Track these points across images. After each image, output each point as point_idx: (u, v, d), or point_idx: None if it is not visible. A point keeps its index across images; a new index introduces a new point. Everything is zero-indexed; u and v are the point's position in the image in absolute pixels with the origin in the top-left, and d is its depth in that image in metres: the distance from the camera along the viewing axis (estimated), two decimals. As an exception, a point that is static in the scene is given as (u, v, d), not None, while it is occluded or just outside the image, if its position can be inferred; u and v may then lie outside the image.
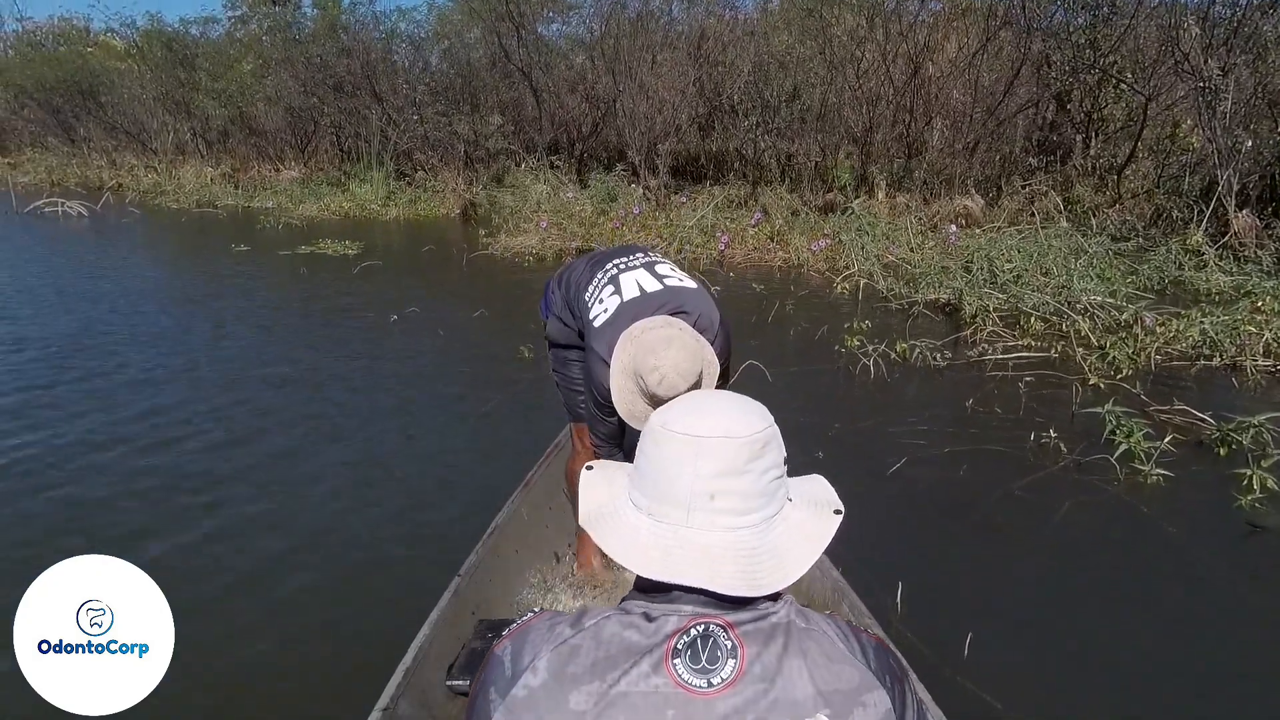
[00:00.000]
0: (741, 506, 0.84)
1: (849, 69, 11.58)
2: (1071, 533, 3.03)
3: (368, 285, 7.37)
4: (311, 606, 2.60)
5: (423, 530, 3.06)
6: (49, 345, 5.38)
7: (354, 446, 3.82)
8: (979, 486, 3.36)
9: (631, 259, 2.15)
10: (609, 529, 0.89)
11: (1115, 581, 2.76)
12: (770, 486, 0.86)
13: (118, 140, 18.33)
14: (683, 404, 0.92)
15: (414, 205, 13.01)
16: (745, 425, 0.86)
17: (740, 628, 0.80)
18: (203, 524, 3.08)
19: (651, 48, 12.68)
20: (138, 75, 17.97)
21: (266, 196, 13.54)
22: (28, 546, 2.89)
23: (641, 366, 1.70)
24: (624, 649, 0.79)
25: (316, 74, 14.71)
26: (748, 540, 0.84)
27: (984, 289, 5.99)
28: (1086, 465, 3.51)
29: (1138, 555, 2.91)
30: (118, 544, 2.86)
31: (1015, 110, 10.88)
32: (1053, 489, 3.32)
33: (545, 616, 0.87)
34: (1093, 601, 2.63)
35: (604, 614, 0.83)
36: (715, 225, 9.43)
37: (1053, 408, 4.22)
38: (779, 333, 5.76)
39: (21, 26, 23.75)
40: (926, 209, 10.30)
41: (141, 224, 11.71)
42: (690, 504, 0.84)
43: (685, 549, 0.83)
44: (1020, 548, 2.96)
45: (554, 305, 2.40)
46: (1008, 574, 2.80)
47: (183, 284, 7.59)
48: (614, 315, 1.96)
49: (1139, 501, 3.21)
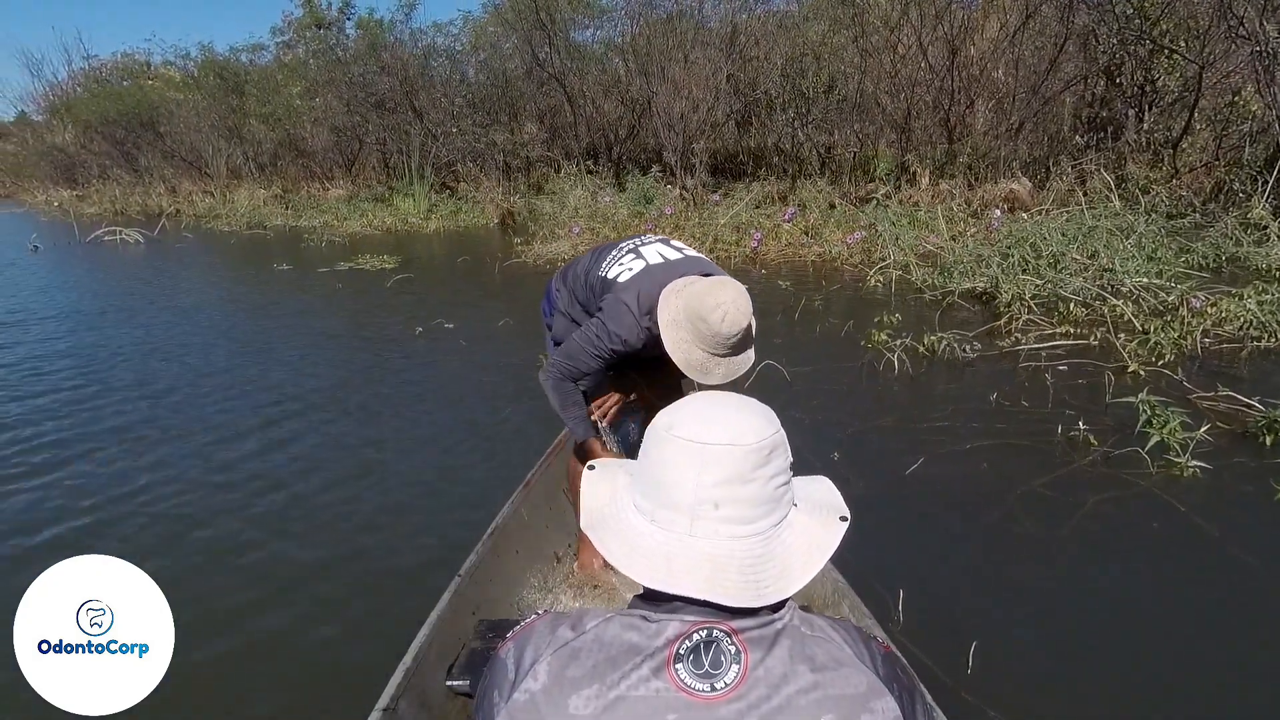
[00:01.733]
0: (746, 515, 0.82)
1: (885, 55, 11.31)
2: (1096, 532, 2.83)
3: (399, 298, 7.45)
4: (311, 606, 2.59)
5: (423, 531, 3.05)
6: (72, 359, 5.59)
7: (360, 452, 3.82)
8: (999, 484, 3.19)
9: (646, 237, 2.23)
10: (611, 533, 0.87)
11: (1142, 584, 2.56)
12: (776, 493, 0.84)
13: (176, 167, 19.06)
14: (690, 406, 0.88)
15: (455, 217, 13.18)
16: (752, 432, 0.83)
17: (744, 633, 0.78)
18: (202, 524, 3.12)
19: (683, 46, 12.59)
20: (193, 104, 18.65)
21: (313, 215, 13.88)
22: (28, 545, 2.97)
23: (702, 307, 1.80)
24: (625, 652, 0.78)
25: (359, 93, 15.04)
26: (752, 549, 0.81)
27: (1021, 275, 5.74)
28: (1117, 459, 3.29)
29: (1168, 555, 2.70)
30: (116, 543, 2.95)
31: (1061, 88, 10.47)
32: (1078, 485, 3.12)
33: (547, 618, 0.85)
34: (1117, 606, 2.44)
35: (606, 616, 0.82)
36: (749, 223, 9.28)
37: (1086, 398, 3.99)
38: (804, 329, 5.61)
39: (88, 64, 24.90)
40: (971, 195, 9.98)
41: (193, 248, 12.10)
42: (694, 512, 0.82)
43: (688, 557, 0.81)
44: (1039, 549, 2.77)
45: (559, 302, 2.39)
46: (1023, 577, 2.62)
47: (219, 303, 7.76)
48: (640, 273, 2.03)
49: (1173, 497, 2.99)
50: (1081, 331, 4.94)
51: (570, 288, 2.36)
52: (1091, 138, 10.09)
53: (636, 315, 2.00)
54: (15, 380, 5.22)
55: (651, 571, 0.81)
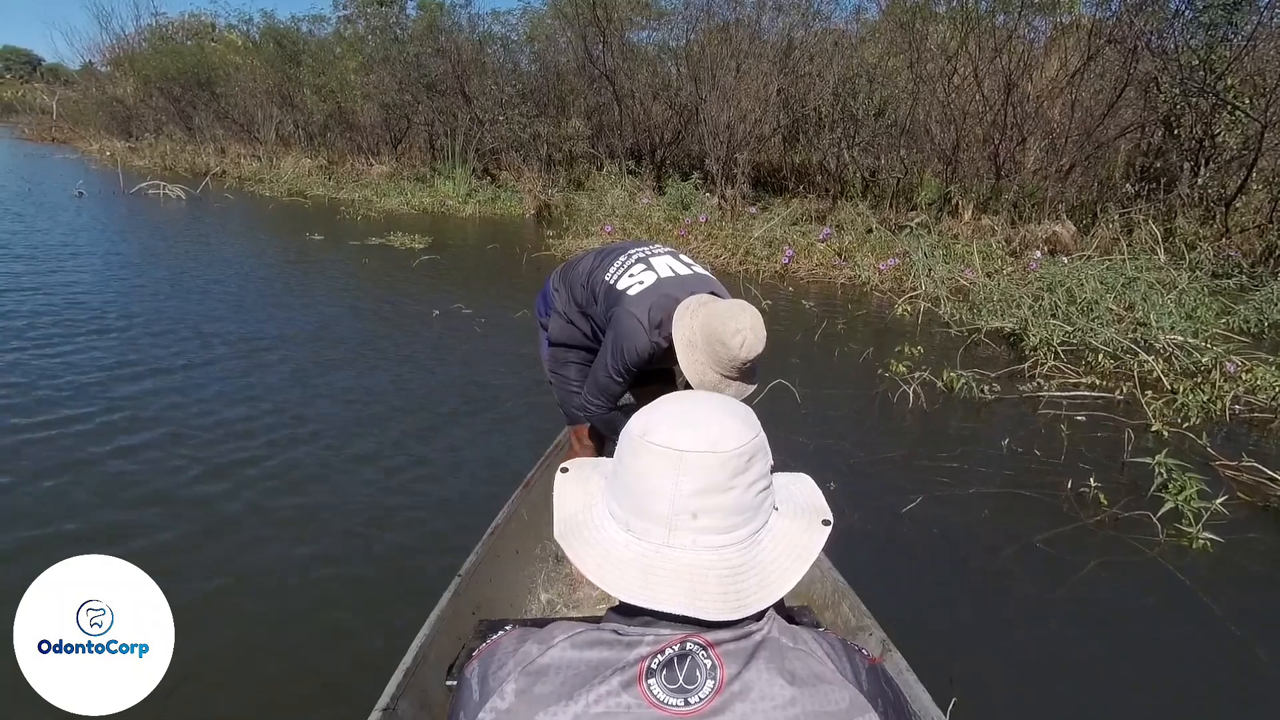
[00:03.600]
0: (726, 524, 0.78)
1: (940, 84, 11.13)
2: (1092, 597, 2.72)
3: (421, 279, 7.46)
4: (312, 606, 2.56)
5: (423, 530, 3.02)
6: (76, 309, 5.63)
7: (361, 442, 3.78)
8: (998, 534, 3.08)
9: (654, 247, 2.24)
10: (583, 542, 0.83)
11: (1134, 658, 2.45)
12: (756, 500, 0.80)
13: (228, 129, 19.31)
14: (666, 410, 0.84)
15: (492, 204, 13.19)
16: (731, 437, 0.78)
17: (720, 646, 0.75)
18: (201, 522, 3.05)
19: (737, 56, 12.50)
20: (251, 69, 18.89)
21: (354, 189, 13.98)
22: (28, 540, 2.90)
23: (724, 331, 1.82)
24: (593, 668, 0.75)
25: (412, 72, 15.13)
26: (732, 558, 0.78)
27: (1051, 319, 5.58)
28: (1125, 522, 3.17)
29: (1166, 631, 2.58)
30: (115, 541, 2.88)
31: (1117, 133, 10.23)
32: (1080, 545, 3.01)
33: (515, 634, 0.82)
34: (1105, 679, 2.34)
35: (575, 631, 0.78)
36: (783, 239, 9.17)
37: (1103, 454, 3.86)
38: (823, 352, 5.50)
39: (155, 20, 25.34)
40: (1013, 233, 9.78)
41: (231, 209, 12.22)
42: (672, 522, 0.78)
43: (666, 570, 0.77)
44: (1029, 608, 2.67)
45: (555, 302, 2.38)
46: (1009, 638, 2.53)
47: (244, 265, 7.82)
48: (651, 287, 2.05)
49: (1179, 568, 2.86)
50: (1107, 384, 4.80)
51: (569, 286, 2.34)
52: (1143, 187, 9.83)
53: (647, 329, 2.03)
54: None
55: (626, 584, 0.78)
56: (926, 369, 4.74)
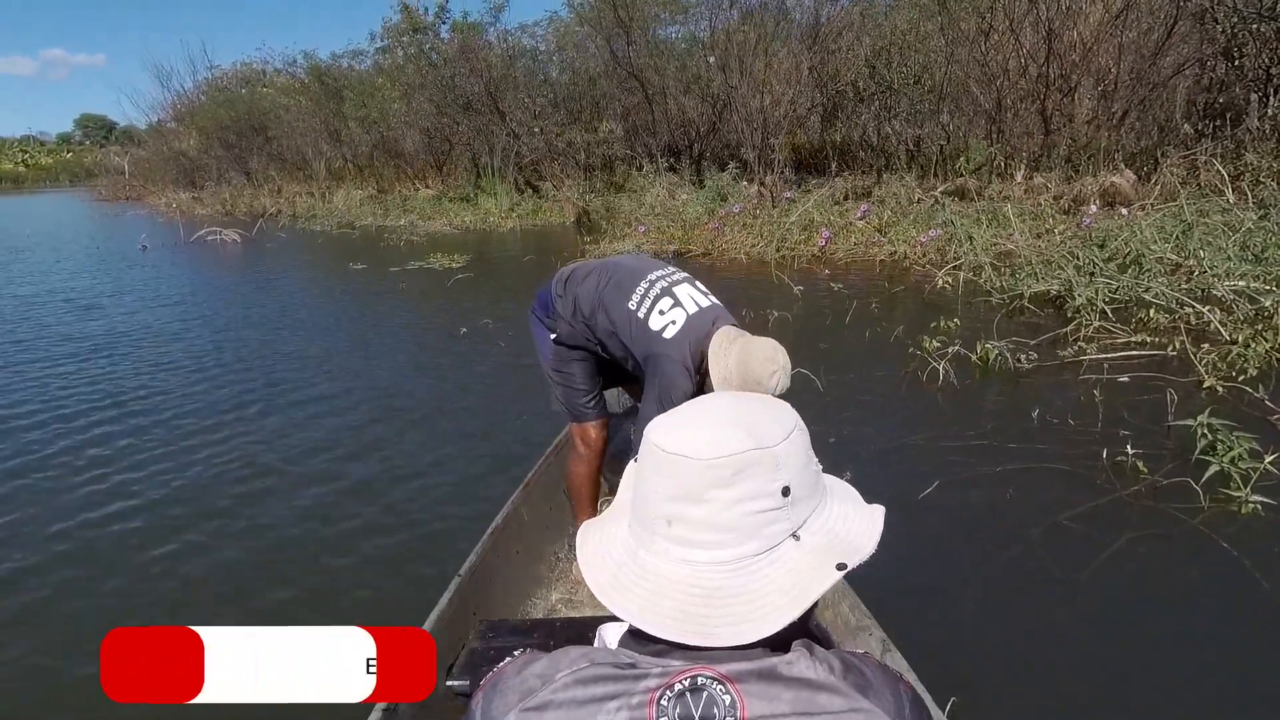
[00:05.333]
0: (700, 539, 0.70)
1: (977, 43, 10.67)
2: (1124, 574, 2.49)
3: (453, 298, 7.53)
4: (312, 606, 2.60)
5: (423, 530, 3.04)
6: (129, 344, 5.95)
7: (374, 453, 3.82)
8: (1024, 514, 2.87)
9: (671, 274, 2.28)
10: (592, 533, 0.80)
11: (1170, 639, 2.23)
12: (746, 521, 0.70)
13: (282, 170, 20.04)
14: (683, 408, 0.80)
15: (533, 215, 13.30)
16: (712, 446, 0.70)
17: (741, 683, 0.66)
18: (200, 521, 3.16)
19: (764, 40, 12.27)
20: (299, 109, 19.56)
21: (399, 215, 14.28)
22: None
23: (760, 372, 1.96)
24: (598, 701, 0.68)
25: (448, 94, 15.39)
26: (707, 579, 0.70)
27: (1098, 277, 5.24)
28: (1165, 490, 2.91)
29: (1205, 607, 2.35)
30: (114, 539, 3.02)
31: (1172, 72, 9.61)
32: (1115, 519, 2.77)
33: (520, 662, 0.75)
34: (1135, 665, 2.12)
35: (580, 666, 0.71)
36: (820, 220, 8.93)
37: (1147, 418, 3.58)
38: (853, 334, 5.29)
39: (211, 73, 26.50)
40: (1068, 189, 9.30)
41: (283, 247, 12.67)
42: (652, 526, 0.73)
43: (632, 570, 0.73)
44: (1046, 595, 2.45)
45: (558, 307, 2.38)
46: (1019, 629, 2.33)
47: (281, 301, 8.08)
48: (685, 327, 2.13)
49: (1223, 536, 2.60)
50: (1160, 341, 4.46)
51: (573, 296, 2.34)
52: (1206, 125, 9.20)
53: (690, 373, 2.11)
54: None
55: (597, 579, 0.75)
56: (959, 343, 4.50)
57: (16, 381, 5.30)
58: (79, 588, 2.77)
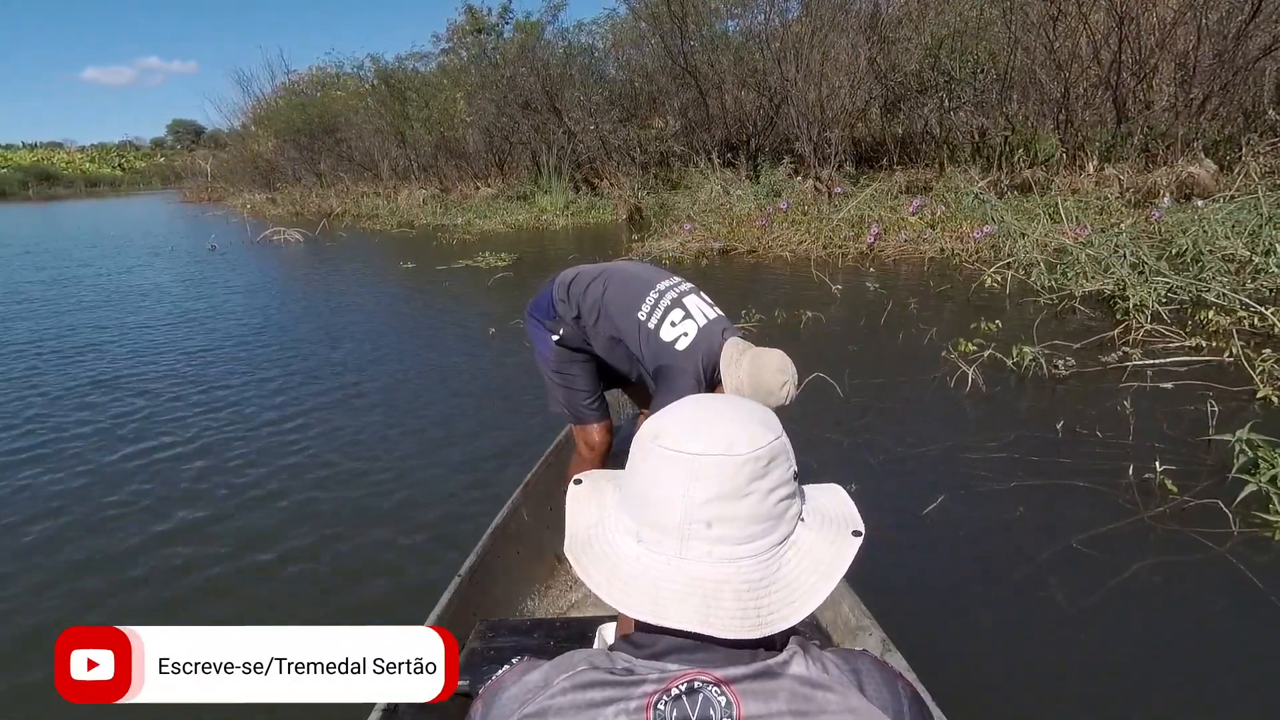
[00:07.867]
0: (743, 534, 0.72)
1: (1044, 29, 10.16)
2: (1134, 607, 2.27)
3: (491, 298, 7.56)
4: (312, 606, 2.61)
5: (424, 530, 3.03)
6: (178, 343, 6.05)
7: (383, 453, 3.83)
8: (1034, 536, 2.66)
9: (677, 284, 2.29)
10: (593, 558, 0.78)
11: (1180, 679, 2.02)
12: (777, 509, 0.73)
13: (350, 171, 20.60)
14: (680, 412, 0.79)
15: (587, 213, 13.30)
16: (747, 440, 0.72)
17: (737, 684, 0.67)
18: (200, 521, 3.19)
19: (820, 31, 11.96)
20: (366, 111, 20.07)
21: (457, 214, 14.48)
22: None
23: (772, 383, 2.03)
24: (595, 706, 0.69)
25: (508, 94, 15.54)
26: (751, 571, 0.72)
27: (1153, 276, 4.90)
28: (1192, 513, 2.66)
29: (1224, 647, 2.12)
30: (112, 538, 3.08)
31: (1259, 54, 8.95)
32: (1128, 544, 2.54)
33: (517, 672, 0.77)
34: (1139, 706, 1.94)
35: (578, 669, 0.72)
36: (871, 216, 8.64)
37: (1186, 430, 3.29)
38: (886, 337, 5.08)
39: (288, 78, 27.40)
40: (1141, 180, 8.77)
41: (342, 246, 13.00)
42: (685, 531, 0.72)
43: (678, 583, 0.72)
44: (1054, 619, 2.26)
45: (559, 312, 2.38)
46: (1023, 642, 2.16)
47: (330, 299, 8.26)
48: (696, 339, 2.16)
49: (1251, 566, 2.36)
50: (1216, 345, 4.13)
51: (575, 301, 2.33)
52: (1296, 110, 8.56)
53: (701, 384, 2.14)
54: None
55: (635, 600, 0.72)
56: (993, 347, 4.26)
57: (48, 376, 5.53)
58: (80, 588, 2.82)
